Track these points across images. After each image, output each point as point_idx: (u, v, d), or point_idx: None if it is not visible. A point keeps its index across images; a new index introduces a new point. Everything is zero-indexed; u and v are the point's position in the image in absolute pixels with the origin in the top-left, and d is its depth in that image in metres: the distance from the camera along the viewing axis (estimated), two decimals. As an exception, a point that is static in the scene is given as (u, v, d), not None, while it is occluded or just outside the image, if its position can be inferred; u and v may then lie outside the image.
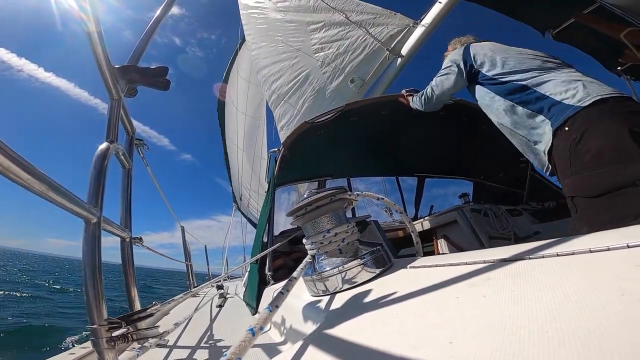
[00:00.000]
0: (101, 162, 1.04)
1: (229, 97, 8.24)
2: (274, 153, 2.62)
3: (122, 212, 1.54)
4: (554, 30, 2.30)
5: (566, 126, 1.17)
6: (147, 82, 1.41)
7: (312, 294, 0.97)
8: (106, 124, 1.22)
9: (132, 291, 1.54)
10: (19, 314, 8.04)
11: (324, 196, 0.95)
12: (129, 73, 1.31)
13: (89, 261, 0.86)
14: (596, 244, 0.48)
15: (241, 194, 7.30)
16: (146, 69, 1.38)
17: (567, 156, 1.16)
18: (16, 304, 9.67)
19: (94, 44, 1.00)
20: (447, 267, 0.71)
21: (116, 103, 1.24)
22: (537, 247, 0.58)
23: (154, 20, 1.50)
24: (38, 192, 0.61)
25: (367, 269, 0.88)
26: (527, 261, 0.54)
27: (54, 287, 16.36)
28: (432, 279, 0.65)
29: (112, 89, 1.21)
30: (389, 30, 3.45)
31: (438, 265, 0.75)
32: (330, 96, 3.86)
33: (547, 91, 1.28)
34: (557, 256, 0.51)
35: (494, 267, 0.58)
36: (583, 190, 1.13)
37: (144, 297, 10.52)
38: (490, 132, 3.01)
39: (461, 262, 0.68)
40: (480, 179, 3.73)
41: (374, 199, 1.24)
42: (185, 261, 3.98)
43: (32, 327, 6.74)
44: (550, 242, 0.58)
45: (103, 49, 1.04)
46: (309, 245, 0.99)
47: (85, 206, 0.85)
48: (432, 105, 1.92)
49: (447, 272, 0.65)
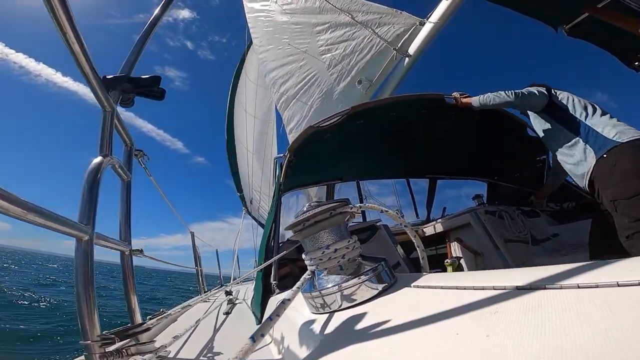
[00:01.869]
0: (93, 177, 1.01)
1: (239, 100, 8.30)
2: (280, 159, 2.59)
3: (121, 225, 1.53)
4: (567, 25, 2.20)
5: (605, 154, 1.68)
6: (140, 92, 1.38)
7: (311, 311, 0.92)
8: (99, 138, 1.19)
9: (132, 303, 1.53)
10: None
11: (323, 210, 0.91)
12: (121, 83, 1.29)
13: (81, 278, 0.86)
14: (625, 275, 0.41)
15: (252, 197, 7.32)
16: (139, 79, 1.35)
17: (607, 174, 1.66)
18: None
19: (77, 57, 0.98)
20: (453, 290, 0.65)
21: (109, 115, 1.21)
22: (556, 274, 0.51)
23: (145, 30, 1.48)
24: (21, 217, 0.61)
25: (369, 287, 0.83)
26: (542, 292, 0.47)
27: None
28: (434, 305, 0.59)
29: (104, 101, 1.18)
30: (395, 30, 3.38)
31: (443, 287, 0.69)
32: (338, 98, 3.82)
33: (599, 129, 1.75)
34: (577, 288, 0.44)
35: (504, 297, 0.51)
36: (620, 195, 1.58)
37: (159, 302, 10.72)
38: (503, 133, 2.91)
39: (468, 287, 0.61)
40: (494, 179, 3.61)
41: (377, 210, 1.19)
42: (196, 266, 4.01)
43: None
44: (572, 269, 0.50)
45: (88, 61, 1.01)
46: (308, 261, 0.94)
47: (75, 225, 0.85)
48: (507, 103, 2.07)
49: (451, 298, 0.60)
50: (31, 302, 10.27)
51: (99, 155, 1.15)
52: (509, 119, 2.84)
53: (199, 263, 4.11)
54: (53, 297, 11.54)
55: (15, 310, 8.82)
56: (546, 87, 2.04)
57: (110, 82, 1.27)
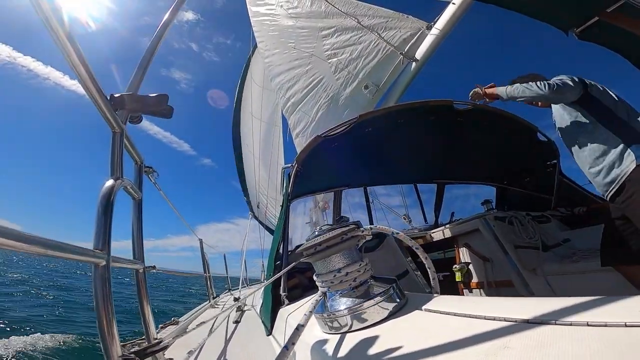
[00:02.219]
0: (107, 201, 1.03)
1: (245, 103, 8.30)
2: (287, 169, 2.60)
3: (134, 243, 1.55)
4: (578, 29, 2.16)
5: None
6: (148, 111, 1.38)
7: (323, 330, 0.94)
8: (109, 160, 1.19)
9: (147, 318, 1.56)
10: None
11: (335, 236, 0.91)
12: (128, 103, 1.27)
13: (101, 302, 0.89)
14: (633, 316, 0.42)
15: (258, 201, 7.33)
16: (146, 97, 1.32)
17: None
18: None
19: (83, 80, 0.97)
20: (464, 318, 0.65)
21: (118, 136, 1.21)
22: (566, 307, 0.52)
23: (148, 49, 1.48)
24: (41, 254, 0.65)
25: (380, 308, 0.85)
26: (552, 327, 0.48)
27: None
28: (444, 333, 0.60)
29: (113, 123, 1.17)
30: (401, 34, 3.36)
31: (455, 314, 0.69)
32: (345, 103, 3.80)
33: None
34: (587, 326, 0.45)
35: (514, 330, 0.52)
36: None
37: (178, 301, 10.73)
38: (512, 136, 2.88)
39: (480, 316, 0.62)
40: (503, 184, 3.58)
41: (387, 232, 1.19)
42: (204, 273, 4.05)
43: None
44: (582, 303, 0.51)
45: (94, 83, 1.01)
46: (319, 282, 0.96)
47: (92, 253, 0.88)
48: (540, 97, 1.89)
49: (462, 327, 0.60)
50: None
51: (110, 178, 1.16)
52: (518, 123, 2.81)
53: (208, 269, 4.15)
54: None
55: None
56: (579, 78, 1.89)
57: (117, 102, 1.26)
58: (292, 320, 1.38)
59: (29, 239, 0.60)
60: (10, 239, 0.54)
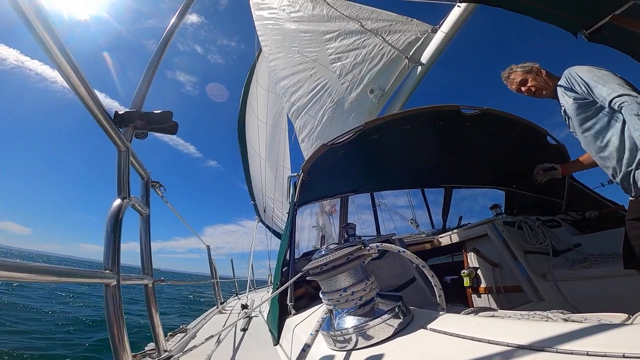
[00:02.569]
0: (115, 220, 1.05)
1: (250, 107, 8.32)
2: (293, 178, 2.60)
3: (143, 258, 1.57)
4: (587, 30, 2.11)
5: None
6: (153, 129, 1.37)
7: (329, 346, 0.95)
8: (116, 180, 1.19)
9: (157, 329, 1.59)
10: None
11: (341, 256, 0.91)
12: (133, 120, 1.27)
13: (113, 319, 0.93)
14: (632, 346, 0.43)
15: (265, 205, 7.35)
16: (150, 114, 1.32)
17: None
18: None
19: (84, 100, 0.97)
20: (468, 341, 0.66)
21: (124, 155, 1.21)
22: (568, 333, 0.53)
23: (150, 64, 1.48)
24: (54, 281, 0.70)
25: (385, 326, 0.85)
26: (552, 355, 0.49)
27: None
28: (446, 357, 0.61)
29: (118, 142, 1.17)
30: (406, 38, 3.33)
31: (459, 335, 0.70)
32: (350, 107, 3.79)
33: None
34: (587, 355, 0.46)
35: (514, 356, 0.53)
36: None
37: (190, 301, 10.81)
38: (521, 140, 2.84)
39: (484, 339, 0.62)
40: (512, 188, 3.53)
41: (394, 250, 1.18)
42: (212, 279, 4.08)
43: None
44: (583, 329, 0.52)
45: (95, 103, 1.01)
46: (325, 300, 0.96)
47: (102, 274, 0.92)
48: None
49: (466, 351, 0.61)
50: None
51: (118, 197, 1.17)
52: (527, 126, 2.77)
53: (215, 275, 4.18)
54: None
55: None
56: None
57: (122, 119, 1.25)
58: (299, 331, 1.39)
59: (42, 269, 0.64)
60: (25, 272, 0.59)
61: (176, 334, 2.66)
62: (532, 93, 2.07)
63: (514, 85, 2.14)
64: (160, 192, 1.86)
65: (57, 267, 0.70)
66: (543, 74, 2.03)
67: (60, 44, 0.83)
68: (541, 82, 2.02)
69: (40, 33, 0.77)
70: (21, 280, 0.59)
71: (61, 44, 0.83)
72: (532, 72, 2.05)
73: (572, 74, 1.77)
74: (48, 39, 0.79)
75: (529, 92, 2.08)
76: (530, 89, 2.06)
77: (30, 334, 7.35)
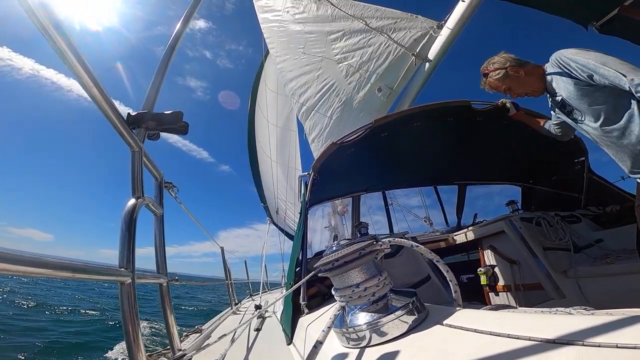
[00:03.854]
0: (129, 219, 1.07)
1: (259, 109, 8.37)
2: (304, 177, 2.59)
3: (158, 258, 1.60)
4: (598, 22, 2.04)
5: None
6: (165, 129, 1.40)
7: (342, 344, 0.93)
8: (130, 180, 1.22)
9: (171, 329, 1.61)
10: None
11: (353, 251, 0.90)
12: (145, 121, 1.31)
13: (128, 317, 0.95)
14: None
15: (277, 207, 7.38)
16: (161, 115, 1.36)
17: None
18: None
19: (98, 102, 0.99)
20: (486, 336, 0.62)
21: (137, 155, 1.24)
22: (594, 327, 0.49)
23: (161, 65, 1.50)
24: (69, 277, 0.70)
25: (399, 322, 0.83)
26: (578, 348, 0.46)
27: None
28: (466, 352, 0.58)
29: (131, 142, 1.20)
30: (412, 35, 3.28)
31: (477, 330, 0.66)
32: (359, 106, 3.76)
33: None
34: (616, 347, 0.42)
35: (539, 350, 0.49)
36: None
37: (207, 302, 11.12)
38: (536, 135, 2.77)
39: (503, 334, 0.59)
40: (529, 183, 3.43)
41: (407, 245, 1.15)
42: (226, 280, 4.13)
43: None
44: (611, 322, 0.48)
45: (109, 104, 1.03)
46: (337, 297, 0.95)
47: (117, 271, 0.94)
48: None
49: (484, 346, 0.58)
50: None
51: (132, 197, 1.20)
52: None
53: (229, 276, 4.23)
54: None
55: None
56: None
57: (134, 120, 1.28)
58: (312, 330, 1.38)
59: (57, 264, 0.64)
60: (40, 266, 0.59)
61: (190, 334, 2.69)
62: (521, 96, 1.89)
63: (497, 90, 1.92)
64: (174, 192, 1.89)
65: (73, 263, 0.71)
66: (521, 74, 1.79)
67: (74, 49, 0.85)
68: (522, 86, 1.82)
69: (56, 40, 0.79)
70: (35, 276, 0.59)
71: (75, 49, 0.86)
72: (509, 77, 1.82)
73: (563, 59, 1.59)
74: (63, 44, 0.81)
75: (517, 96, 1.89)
76: (517, 96, 1.87)
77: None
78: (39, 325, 8.91)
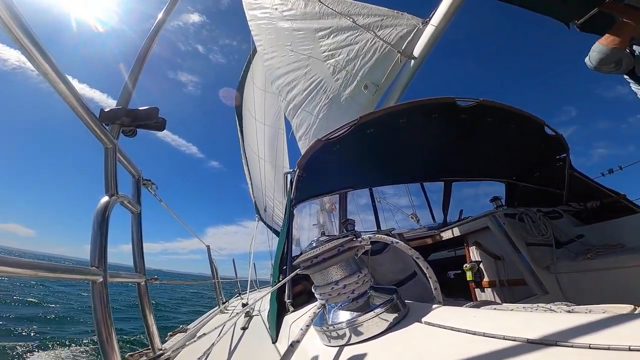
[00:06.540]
0: (101, 218, 1.04)
1: (246, 108, 8.31)
2: (290, 174, 2.57)
3: (135, 256, 1.55)
4: (579, 21, 2.07)
5: None
6: (140, 125, 1.36)
7: (323, 342, 0.92)
8: (104, 177, 1.19)
9: (151, 328, 1.58)
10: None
11: (331, 248, 0.89)
12: (119, 117, 1.27)
13: (100, 317, 0.93)
14: (638, 339, 0.40)
15: (265, 204, 7.35)
16: (136, 111, 1.32)
17: None
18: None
19: (65, 98, 0.96)
20: (463, 334, 0.63)
21: (111, 152, 1.20)
22: (569, 328, 0.49)
23: (136, 61, 1.46)
24: (38, 276, 0.69)
25: (379, 320, 0.82)
26: (553, 350, 0.46)
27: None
28: (443, 351, 0.59)
29: (104, 138, 1.16)
30: (398, 32, 3.29)
31: (454, 329, 0.67)
32: (345, 103, 3.76)
33: None
34: (589, 348, 0.43)
35: (514, 352, 0.50)
36: None
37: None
38: (519, 131, 2.80)
39: (479, 332, 0.60)
40: (512, 180, 3.49)
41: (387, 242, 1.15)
42: (213, 279, 4.07)
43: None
44: (586, 324, 0.49)
45: (80, 103, 1.00)
46: (317, 295, 0.94)
47: (88, 270, 0.92)
48: None
49: (461, 345, 0.59)
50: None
51: (105, 195, 1.16)
52: (525, 117, 2.73)
53: (216, 275, 4.16)
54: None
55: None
56: None
57: (108, 117, 1.25)
58: (295, 328, 1.36)
59: (25, 264, 0.63)
60: (8, 266, 0.59)
61: (176, 333, 2.64)
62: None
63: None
64: (153, 190, 1.83)
65: (42, 262, 0.69)
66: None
67: (37, 43, 0.81)
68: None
69: (18, 37, 0.76)
70: (4, 275, 0.59)
71: (38, 43, 0.81)
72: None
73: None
74: (25, 40, 0.78)
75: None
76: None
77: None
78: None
